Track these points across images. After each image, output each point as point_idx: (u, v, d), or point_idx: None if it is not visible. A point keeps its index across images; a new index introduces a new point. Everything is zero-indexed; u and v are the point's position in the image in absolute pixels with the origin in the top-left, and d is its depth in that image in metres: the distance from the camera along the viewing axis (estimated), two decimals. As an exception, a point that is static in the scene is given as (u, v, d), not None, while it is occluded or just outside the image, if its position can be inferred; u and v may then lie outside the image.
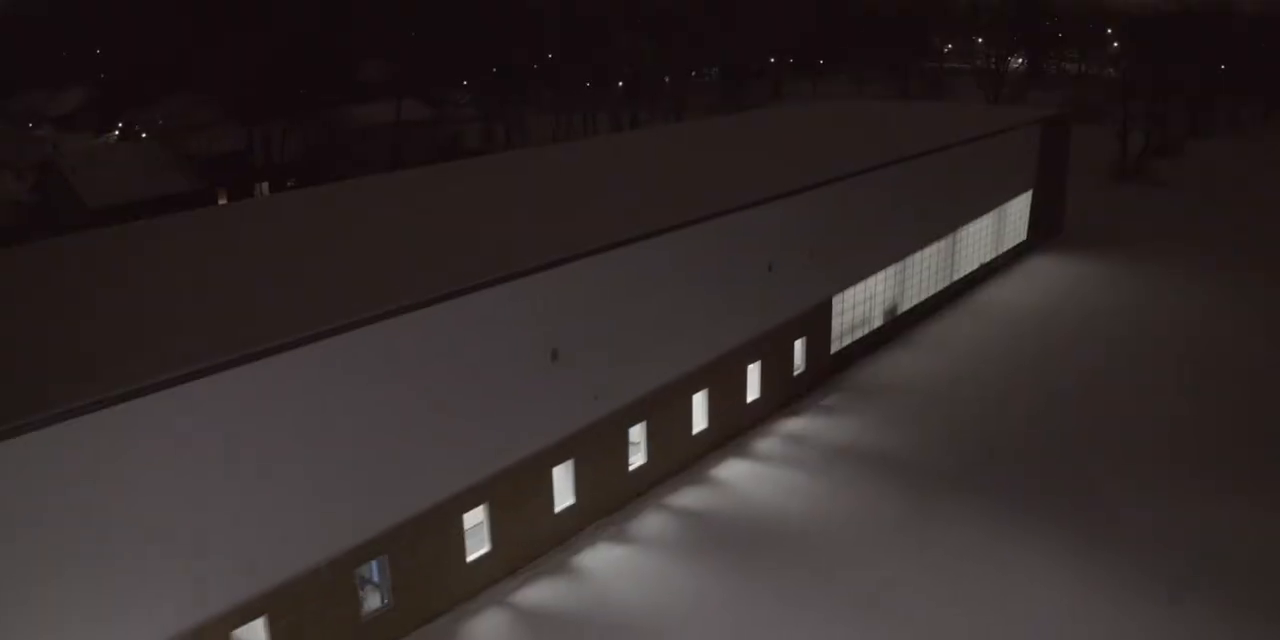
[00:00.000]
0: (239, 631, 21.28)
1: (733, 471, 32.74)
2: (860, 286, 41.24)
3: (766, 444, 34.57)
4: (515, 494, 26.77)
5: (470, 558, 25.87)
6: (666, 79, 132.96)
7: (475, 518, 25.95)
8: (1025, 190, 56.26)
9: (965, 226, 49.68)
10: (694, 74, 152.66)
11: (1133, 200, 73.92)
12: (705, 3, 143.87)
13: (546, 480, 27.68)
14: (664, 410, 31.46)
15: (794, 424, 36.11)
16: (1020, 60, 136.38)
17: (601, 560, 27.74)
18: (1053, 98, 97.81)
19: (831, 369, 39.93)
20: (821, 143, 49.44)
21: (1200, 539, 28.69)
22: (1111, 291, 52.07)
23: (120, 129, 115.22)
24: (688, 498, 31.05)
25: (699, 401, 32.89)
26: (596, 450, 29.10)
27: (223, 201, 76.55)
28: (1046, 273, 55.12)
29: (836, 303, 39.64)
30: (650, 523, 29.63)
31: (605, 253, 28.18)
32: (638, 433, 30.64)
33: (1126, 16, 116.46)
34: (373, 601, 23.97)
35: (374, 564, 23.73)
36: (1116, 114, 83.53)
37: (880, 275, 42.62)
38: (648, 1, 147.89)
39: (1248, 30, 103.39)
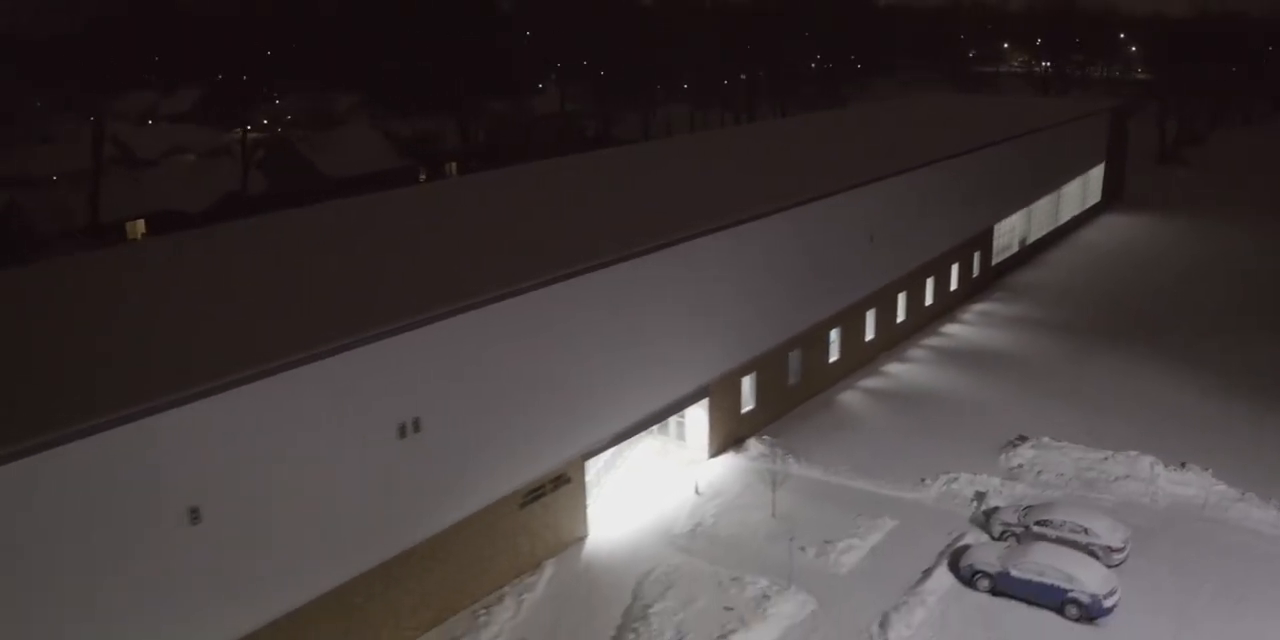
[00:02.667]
0: (744, 378, 37.43)
1: (952, 329, 49.66)
2: (1007, 221, 58.02)
3: (967, 315, 51.68)
4: (850, 325, 43.19)
5: (830, 360, 42.27)
6: (723, 81, 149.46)
7: (833, 336, 42.32)
8: (1100, 162, 73.47)
9: (1065, 186, 66.63)
10: (742, 77, 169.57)
11: (1169, 178, 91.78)
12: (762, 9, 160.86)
13: (862, 320, 44.14)
14: (913, 288, 47.99)
15: (980, 306, 53.19)
16: (1046, 63, 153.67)
17: (895, 369, 44.49)
18: (1092, 97, 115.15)
19: (993, 276, 56.75)
20: (955, 123, 65.93)
21: (1245, 362, 45.39)
22: (1166, 235, 70.05)
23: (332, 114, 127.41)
24: (931, 342, 47.90)
25: (929, 284, 49.50)
26: (883, 306, 45.56)
27: (422, 177, 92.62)
28: (1119, 224, 72.77)
29: (996, 230, 56.43)
30: (914, 353, 46.38)
31: (895, 177, 44.74)
32: (901, 300, 47.13)
33: (1154, 23, 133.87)
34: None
35: (792, 354, 40.03)
36: (1149, 109, 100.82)
37: (1017, 215, 59.41)
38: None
39: (1259, 34, 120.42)
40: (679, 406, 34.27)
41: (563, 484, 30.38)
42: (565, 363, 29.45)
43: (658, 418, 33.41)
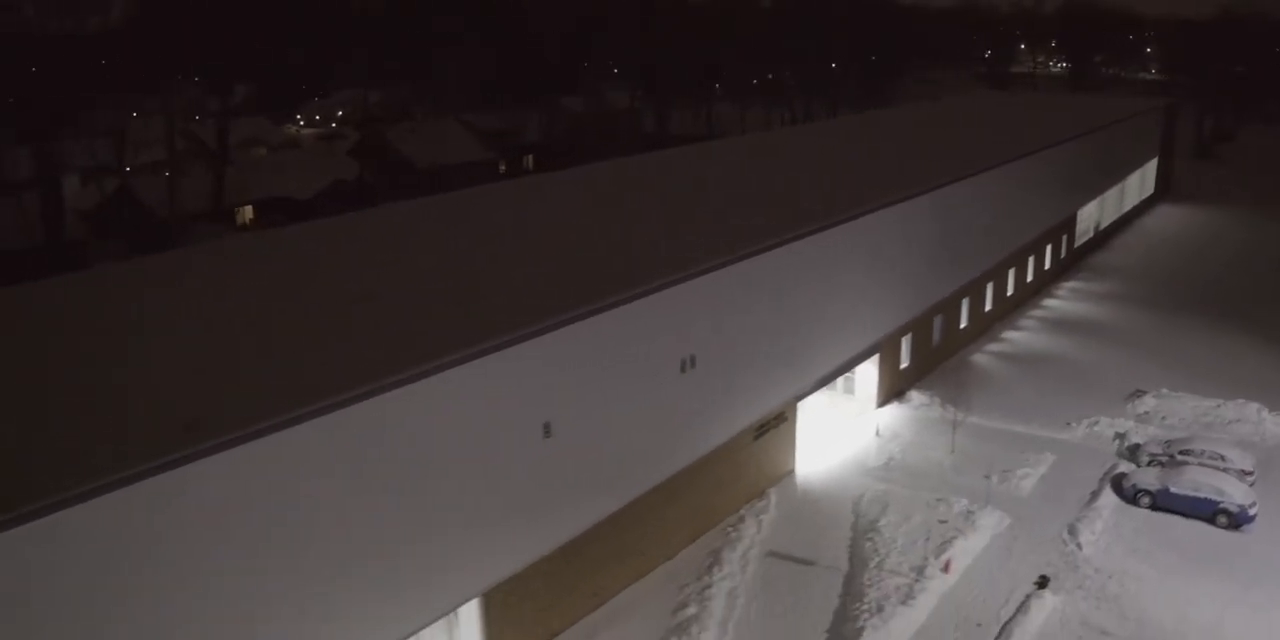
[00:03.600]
0: (903, 338, 42.94)
1: (1050, 303, 55.79)
2: (1085, 209, 63.85)
3: (1060, 292, 57.76)
4: (974, 296, 48.82)
5: (961, 326, 47.92)
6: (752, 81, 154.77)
7: (964, 306, 47.96)
8: (1154, 157, 79.50)
9: (1128, 177, 72.61)
10: (770, 77, 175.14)
11: (1207, 172, 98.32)
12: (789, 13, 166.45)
13: (983, 291, 49.84)
14: (1018, 265, 53.75)
15: (1069, 283, 59.22)
16: (1064, 64, 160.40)
17: (1011, 335, 50.40)
18: (1125, 95, 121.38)
19: (1075, 257, 62.65)
20: (1025, 119, 71.69)
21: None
22: (1213, 224, 76.66)
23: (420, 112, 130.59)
24: (1035, 313, 53.88)
25: (1030, 263, 55.28)
26: (997, 281, 51.25)
27: (502, 168, 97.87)
28: (1172, 214, 79.30)
29: (1078, 215, 62.33)
30: (1024, 322, 52.36)
31: (1007, 165, 50.42)
32: (1010, 276, 52.84)
33: (1176, 25, 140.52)
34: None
35: (936, 319, 45.57)
36: (1188, 108, 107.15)
37: (1092, 203, 65.27)
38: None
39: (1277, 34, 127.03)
40: (861, 359, 39.83)
41: (780, 422, 35.87)
42: (788, 317, 34.92)
43: (846, 368, 38.98)
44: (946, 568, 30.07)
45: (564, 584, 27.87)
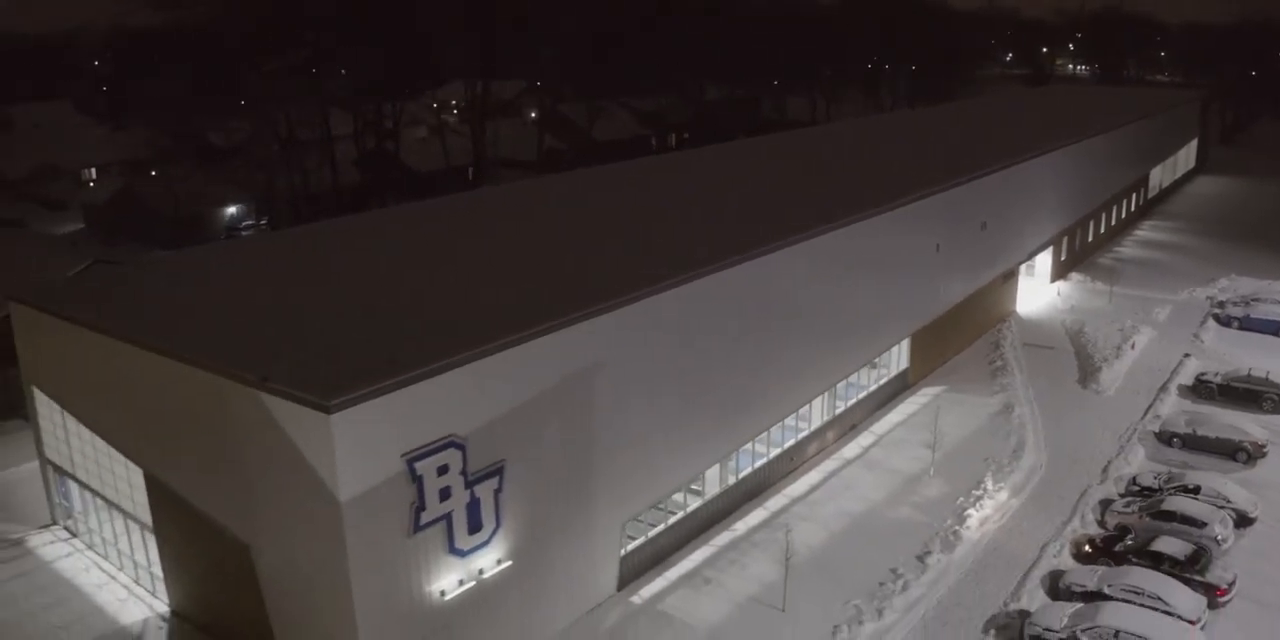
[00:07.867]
0: (1063, 239, 65.63)
1: (1139, 233, 79.31)
2: (1153, 170, 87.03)
3: (1143, 226, 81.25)
4: (1095, 221, 71.60)
5: (1089, 239, 70.77)
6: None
7: (1090, 226, 70.70)
8: (1194, 137, 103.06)
9: (1179, 150, 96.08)
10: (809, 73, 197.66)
11: (1229, 153, 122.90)
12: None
13: (1100, 217, 72.71)
14: (1118, 204, 76.65)
15: (1148, 222, 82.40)
16: (1083, 67, 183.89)
17: (1119, 249, 73.54)
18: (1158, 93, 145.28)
19: (1149, 206, 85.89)
20: (1095, 105, 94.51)
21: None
22: (1245, 189, 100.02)
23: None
24: (1130, 239, 77.00)
25: (1124, 203, 78.30)
26: (1107, 213, 74.09)
27: (653, 142, 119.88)
28: (1212, 182, 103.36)
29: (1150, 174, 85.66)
30: (1125, 243, 75.67)
31: (1115, 130, 73.18)
32: (1115, 209, 75.74)
33: (1205, 31, 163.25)
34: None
35: (1078, 231, 68.17)
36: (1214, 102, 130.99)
37: (1158, 167, 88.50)
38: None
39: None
40: (1044, 247, 62.55)
41: (1011, 276, 58.46)
42: (1021, 207, 57.54)
43: (1040, 249, 61.73)
44: (1133, 346, 52.81)
45: (931, 344, 50.33)
